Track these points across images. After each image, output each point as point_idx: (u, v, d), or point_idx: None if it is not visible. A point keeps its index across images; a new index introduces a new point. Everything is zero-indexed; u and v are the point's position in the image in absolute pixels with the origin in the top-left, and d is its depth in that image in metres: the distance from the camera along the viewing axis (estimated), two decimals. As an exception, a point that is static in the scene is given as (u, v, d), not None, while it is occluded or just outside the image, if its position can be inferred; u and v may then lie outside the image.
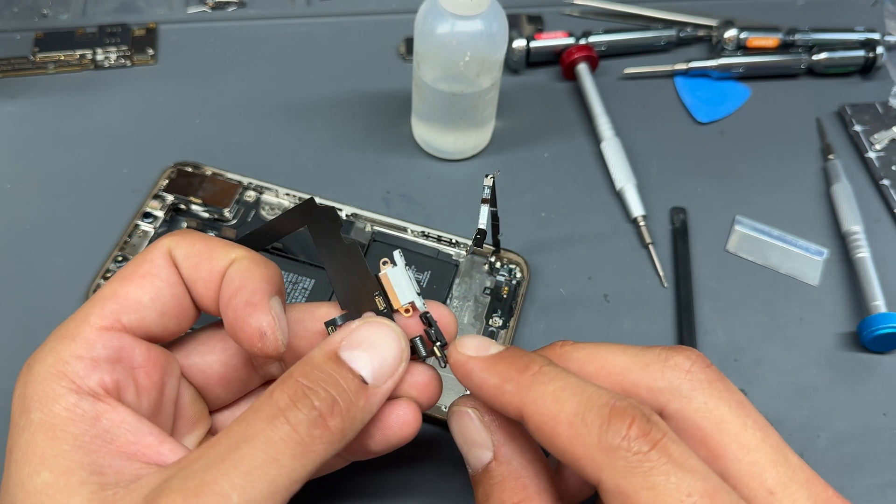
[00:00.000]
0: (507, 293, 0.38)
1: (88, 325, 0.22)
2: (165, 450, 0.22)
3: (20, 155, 0.43)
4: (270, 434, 0.21)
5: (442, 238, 0.40)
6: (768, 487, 0.21)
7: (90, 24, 0.50)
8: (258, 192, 0.41)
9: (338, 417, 0.22)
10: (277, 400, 0.21)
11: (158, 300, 0.24)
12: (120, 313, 0.23)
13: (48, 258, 0.39)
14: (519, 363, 0.23)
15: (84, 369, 0.22)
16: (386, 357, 0.24)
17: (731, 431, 0.22)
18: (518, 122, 0.47)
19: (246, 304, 0.23)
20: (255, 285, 0.23)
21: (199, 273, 0.24)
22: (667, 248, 0.41)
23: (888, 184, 0.44)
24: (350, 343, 0.23)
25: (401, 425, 0.25)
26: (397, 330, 0.24)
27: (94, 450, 0.21)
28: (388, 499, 0.32)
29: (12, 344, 0.36)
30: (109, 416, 0.22)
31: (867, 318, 0.37)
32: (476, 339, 0.24)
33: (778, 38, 0.50)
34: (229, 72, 0.48)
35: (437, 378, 0.26)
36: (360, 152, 0.45)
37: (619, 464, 0.19)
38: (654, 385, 0.23)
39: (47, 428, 0.21)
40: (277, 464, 0.20)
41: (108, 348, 0.22)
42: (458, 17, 0.37)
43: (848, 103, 0.48)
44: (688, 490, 0.19)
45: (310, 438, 0.21)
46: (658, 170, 0.45)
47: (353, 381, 0.22)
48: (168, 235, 0.25)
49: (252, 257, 0.24)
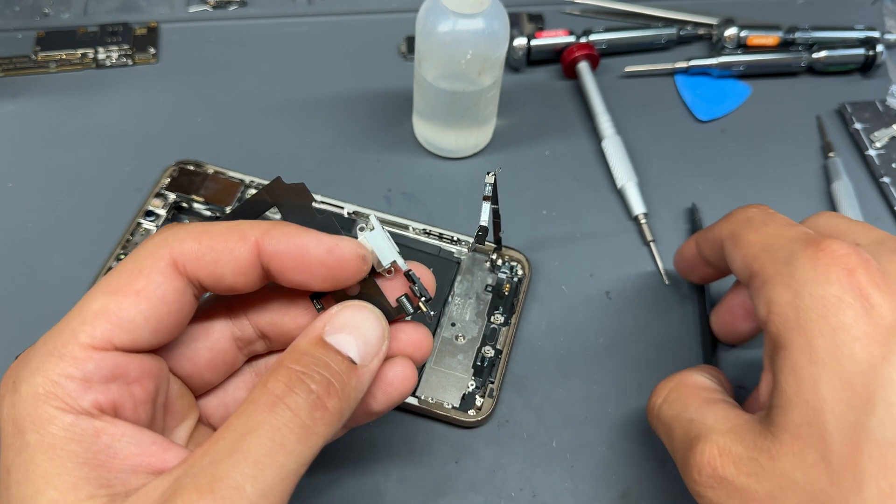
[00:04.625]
0: (509, 290, 0.38)
1: (77, 344, 0.21)
2: (170, 456, 0.22)
3: (22, 154, 0.43)
4: (273, 421, 0.21)
5: (443, 236, 0.40)
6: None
7: (92, 23, 0.50)
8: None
9: (335, 398, 0.22)
10: (274, 388, 0.22)
11: (153, 318, 0.22)
12: (112, 334, 0.22)
13: (50, 257, 0.39)
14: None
15: (76, 390, 0.21)
16: (369, 337, 0.24)
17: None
18: (519, 120, 0.47)
19: (329, 249, 0.24)
20: (314, 235, 0.24)
21: (224, 267, 0.23)
22: (668, 245, 0.41)
23: (888, 181, 0.45)
24: (333, 327, 0.24)
25: (401, 380, 0.26)
26: (376, 311, 0.25)
27: (98, 465, 0.21)
28: (390, 496, 0.32)
29: (13, 343, 0.36)
30: (109, 431, 0.21)
31: (868, 315, 0.37)
32: None
33: (778, 37, 0.51)
34: (231, 70, 0.48)
35: (429, 334, 0.27)
36: (361, 151, 0.45)
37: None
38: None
39: (46, 448, 0.20)
40: (284, 449, 0.21)
41: (101, 368, 0.22)
42: (460, 16, 0.37)
43: (848, 101, 0.48)
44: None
45: (311, 421, 0.21)
46: (659, 168, 0.45)
47: (342, 362, 0.23)
48: (163, 238, 0.23)
49: (274, 226, 0.24)
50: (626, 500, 0.33)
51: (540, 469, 0.34)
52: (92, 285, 0.37)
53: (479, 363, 0.36)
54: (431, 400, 0.34)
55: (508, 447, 0.34)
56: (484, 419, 0.34)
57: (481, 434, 0.34)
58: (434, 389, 0.35)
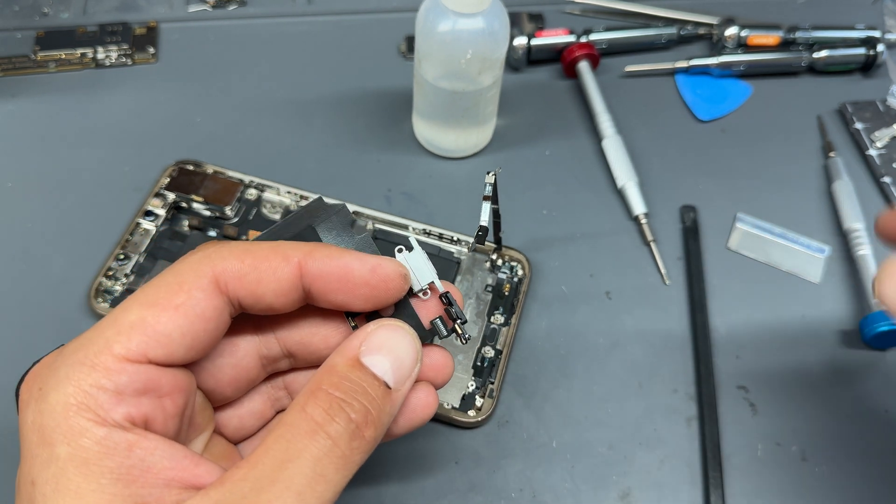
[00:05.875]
0: (509, 290, 0.38)
1: (111, 354, 0.21)
2: (202, 471, 0.22)
3: (21, 154, 0.43)
4: (314, 451, 0.21)
5: (443, 236, 0.40)
6: None
7: (91, 22, 0.50)
8: (259, 190, 0.41)
9: (371, 427, 0.22)
10: (313, 414, 0.21)
11: (189, 334, 0.22)
12: (147, 347, 0.21)
13: (49, 256, 0.39)
14: None
15: (108, 402, 0.21)
16: (404, 360, 0.24)
17: None
18: (519, 119, 0.47)
19: (372, 269, 0.24)
20: (356, 255, 0.24)
21: (266, 287, 0.23)
22: (668, 245, 0.41)
23: (889, 181, 0.44)
24: (369, 348, 0.23)
25: (423, 407, 0.26)
26: (411, 331, 0.25)
27: (132, 481, 0.20)
28: (390, 496, 0.32)
29: (14, 343, 0.36)
30: (142, 444, 0.21)
31: (868, 316, 0.37)
32: None
33: (779, 36, 0.50)
34: (230, 70, 0.48)
35: (451, 358, 0.27)
36: (361, 150, 0.45)
37: None
38: None
39: (79, 463, 0.20)
40: (324, 479, 0.21)
41: (135, 381, 0.21)
42: (460, 15, 0.37)
43: (849, 101, 0.48)
44: None
45: (350, 451, 0.21)
46: (659, 167, 0.45)
47: (379, 388, 0.23)
48: (206, 254, 0.23)
49: (317, 247, 0.24)
50: (626, 500, 0.33)
51: (540, 469, 0.33)
52: (92, 284, 0.37)
53: (479, 363, 0.36)
54: (431, 400, 0.34)
55: (508, 447, 0.34)
56: (484, 419, 0.34)
57: (481, 434, 0.34)
58: (434, 390, 0.35)
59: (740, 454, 0.34)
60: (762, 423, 0.35)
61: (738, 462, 0.34)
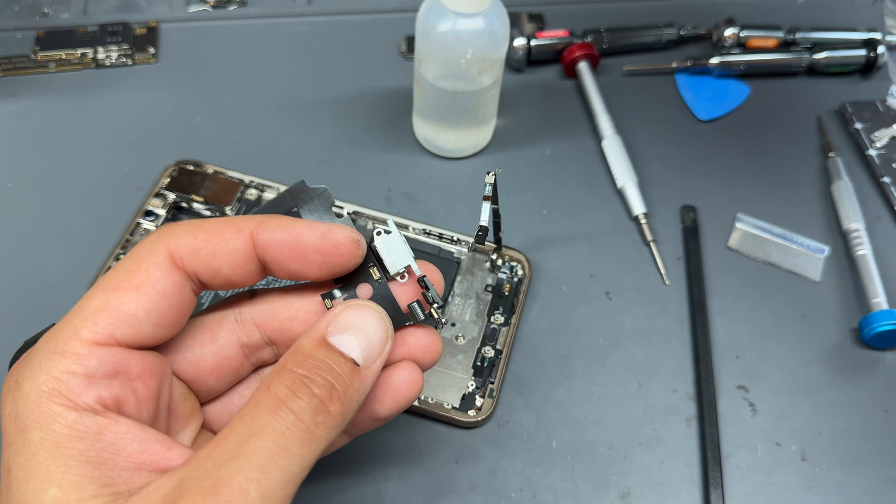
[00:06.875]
0: (509, 290, 0.38)
1: (79, 340, 0.21)
2: (173, 455, 0.22)
3: (21, 153, 0.43)
4: (277, 425, 0.21)
5: (443, 236, 0.40)
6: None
7: (91, 22, 0.50)
8: (260, 189, 0.41)
9: (337, 401, 0.22)
10: (277, 391, 0.22)
11: (154, 312, 0.23)
12: (114, 329, 0.22)
13: (50, 256, 0.39)
14: None
15: (79, 386, 0.21)
16: (373, 337, 0.24)
17: None
18: (519, 120, 0.47)
19: (323, 234, 0.24)
20: (307, 223, 0.24)
21: (221, 260, 0.24)
22: (668, 245, 0.41)
23: (888, 181, 0.44)
24: (336, 328, 0.24)
25: (407, 385, 0.26)
26: (380, 310, 0.25)
27: (101, 463, 0.21)
28: (390, 496, 0.32)
29: (13, 343, 0.36)
30: (113, 428, 0.21)
31: (868, 316, 0.37)
32: None
33: (778, 38, 0.51)
34: (230, 70, 0.48)
35: (438, 339, 0.27)
36: (361, 150, 0.45)
37: None
38: None
39: (49, 446, 0.20)
40: (287, 453, 0.21)
41: (104, 364, 0.22)
42: (460, 15, 0.37)
43: (848, 101, 0.48)
44: None
45: (314, 425, 0.21)
46: (659, 167, 0.45)
47: (345, 364, 0.23)
48: (159, 234, 0.24)
49: (268, 217, 0.24)
50: (625, 499, 0.33)
51: (540, 469, 0.33)
52: (92, 285, 0.37)
53: (479, 363, 0.36)
54: (431, 400, 0.34)
55: (508, 447, 0.34)
56: (484, 419, 0.34)
57: (481, 434, 0.34)
58: (434, 390, 0.35)
59: (740, 454, 0.34)
60: (762, 423, 0.35)
61: (738, 462, 0.34)
